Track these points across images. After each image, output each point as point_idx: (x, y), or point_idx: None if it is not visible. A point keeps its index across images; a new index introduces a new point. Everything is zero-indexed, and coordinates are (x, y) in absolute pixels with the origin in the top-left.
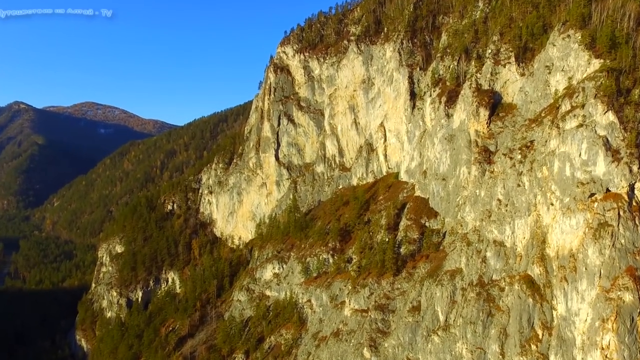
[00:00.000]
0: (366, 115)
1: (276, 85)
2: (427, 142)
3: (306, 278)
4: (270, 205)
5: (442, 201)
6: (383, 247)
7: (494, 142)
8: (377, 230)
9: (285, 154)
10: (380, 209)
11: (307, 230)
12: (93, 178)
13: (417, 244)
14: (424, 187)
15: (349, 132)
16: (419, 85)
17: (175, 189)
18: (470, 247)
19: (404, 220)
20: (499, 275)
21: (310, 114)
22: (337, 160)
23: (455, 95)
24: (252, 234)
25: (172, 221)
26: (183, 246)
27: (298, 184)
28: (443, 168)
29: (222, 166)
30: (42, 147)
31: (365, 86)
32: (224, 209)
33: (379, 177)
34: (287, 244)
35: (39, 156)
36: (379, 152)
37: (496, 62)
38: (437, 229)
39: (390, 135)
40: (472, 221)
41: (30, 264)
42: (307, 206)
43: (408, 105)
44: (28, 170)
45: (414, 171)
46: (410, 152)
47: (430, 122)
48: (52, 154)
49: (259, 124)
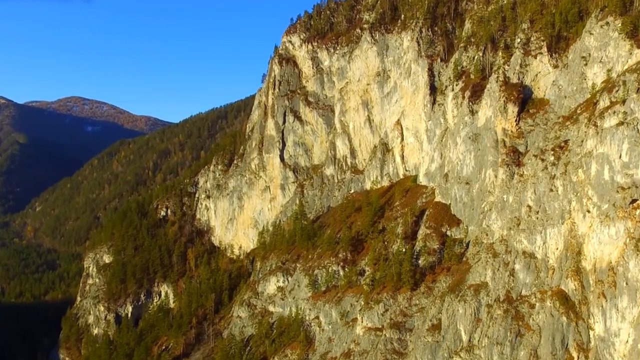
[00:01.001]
0: (381, 111)
1: (281, 78)
2: (448, 141)
3: (314, 292)
4: (274, 211)
5: (466, 207)
6: (399, 258)
7: (524, 142)
8: (392, 240)
9: (291, 154)
10: (397, 216)
11: (315, 239)
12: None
13: (437, 255)
14: (445, 191)
15: (362, 130)
16: (439, 79)
17: (169, 193)
18: (496, 258)
19: (423, 228)
20: (529, 290)
21: (318, 110)
22: (349, 161)
23: (480, 89)
24: (253, 243)
25: (166, 228)
26: (178, 256)
27: (305, 187)
28: (466, 171)
29: (221, 168)
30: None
31: (380, 79)
32: (223, 216)
33: (395, 181)
34: (292, 255)
35: (20, 156)
36: (395, 152)
37: (526, 52)
38: (460, 238)
39: (408, 134)
40: (499, 230)
41: (9, 274)
42: (315, 212)
43: (428, 100)
44: (8, 171)
45: (434, 174)
46: (430, 152)
47: (452, 119)
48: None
49: (262, 121)
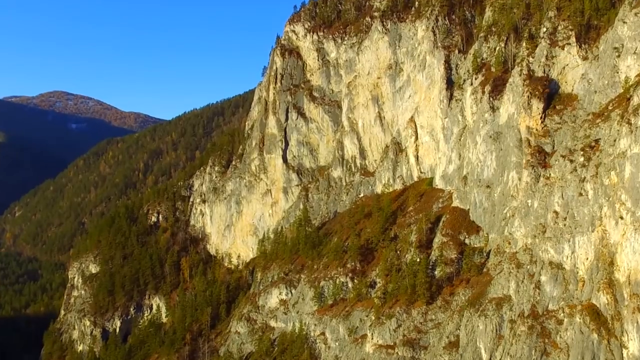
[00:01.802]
0: (393, 107)
1: (283, 71)
2: (467, 140)
3: (319, 306)
4: (276, 217)
5: (486, 213)
6: (413, 269)
7: (550, 142)
8: (406, 249)
9: (295, 155)
10: (410, 223)
11: (321, 248)
12: (62, 183)
13: (455, 266)
14: (464, 195)
15: (372, 128)
16: (457, 72)
17: (161, 197)
18: (520, 269)
19: (439, 236)
20: (556, 304)
21: (324, 106)
22: (358, 162)
23: (502, 83)
24: (253, 252)
25: (157, 236)
26: (170, 266)
27: (310, 191)
28: (487, 173)
29: (218, 169)
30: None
31: (392, 72)
32: (219, 222)
33: (409, 184)
34: (296, 265)
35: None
36: (409, 152)
37: (552, 43)
38: (480, 247)
39: (423, 133)
40: (523, 238)
41: None
42: (321, 218)
43: (444, 95)
44: None
45: (452, 176)
46: (447, 153)
47: (471, 116)
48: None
49: (263, 118)
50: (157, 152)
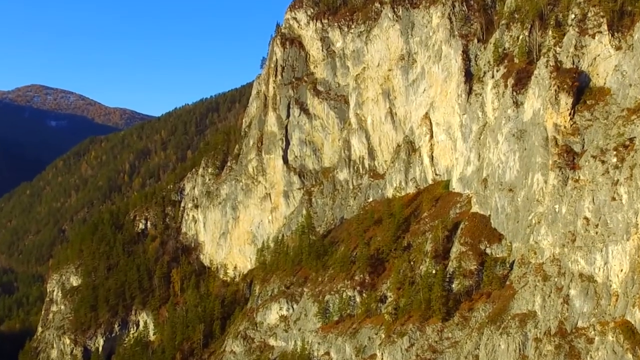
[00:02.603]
0: (405, 103)
1: (284, 63)
2: (488, 139)
3: (324, 323)
4: (277, 223)
5: (509, 220)
6: (428, 281)
7: (580, 140)
8: (420, 259)
9: (297, 155)
10: (425, 230)
11: (326, 258)
12: (40, 186)
13: (474, 278)
14: (484, 200)
15: (383, 125)
16: (476, 63)
17: (149, 202)
18: (547, 282)
19: (457, 245)
20: (586, 321)
21: (330, 101)
22: (367, 163)
23: (527, 76)
24: (251, 263)
25: (145, 245)
26: (159, 278)
27: (313, 195)
28: (510, 175)
29: (212, 171)
30: None
31: (405, 64)
32: (214, 229)
33: (423, 187)
34: (298, 277)
35: None
36: (423, 152)
37: (582, 31)
38: (502, 257)
39: (439, 130)
40: (550, 247)
41: None
42: (326, 225)
43: (462, 89)
44: None
45: (471, 179)
46: (466, 153)
47: (492, 112)
48: None
49: (262, 115)
50: (144, 152)
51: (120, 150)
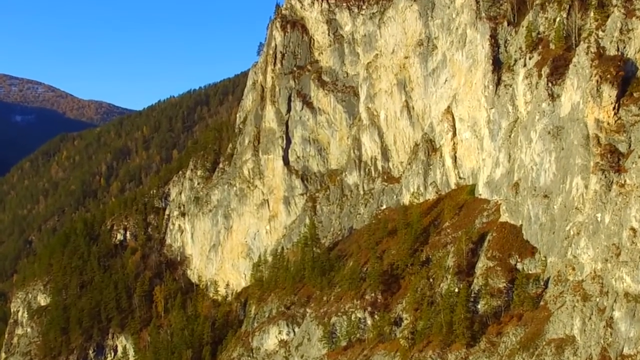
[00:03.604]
0: (424, 95)
1: (285, 49)
2: (519, 137)
3: (330, 349)
4: (275, 234)
5: (544, 230)
6: (450, 301)
7: (626, 139)
8: (440, 276)
9: (299, 155)
10: (446, 242)
11: (332, 275)
12: (4, 190)
13: (503, 298)
14: (515, 208)
15: (398, 121)
16: (506, 50)
17: (128, 209)
18: (587, 302)
19: (484, 259)
20: (633, 347)
21: (337, 93)
22: (380, 165)
23: (564, 64)
24: (246, 280)
25: (124, 258)
26: (140, 297)
27: (318, 202)
28: (545, 179)
29: (202, 174)
30: None
31: (424, 51)
32: (203, 241)
33: (445, 192)
34: (300, 296)
35: None
36: (445, 153)
37: (628, 13)
38: (536, 274)
39: (463, 127)
40: (591, 262)
41: None
42: (333, 237)
43: (490, 79)
44: None
45: (500, 183)
46: (494, 153)
47: (524, 106)
48: None
49: (258, 109)
50: (123, 152)
51: (95, 149)
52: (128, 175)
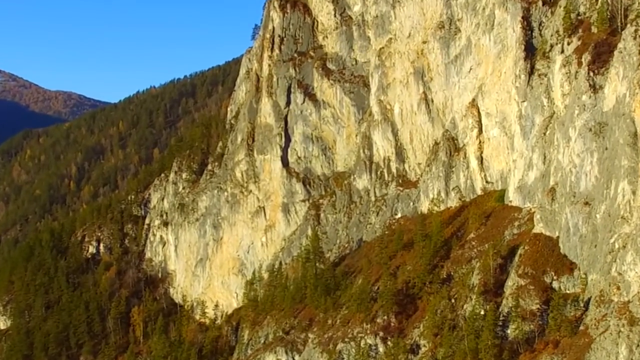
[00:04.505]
0: (446, 86)
1: (284, 32)
2: (556, 135)
3: None
4: (272, 247)
5: (584, 243)
6: (475, 325)
7: None
8: (464, 296)
9: (300, 155)
10: (471, 257)
11: (338, 294)
12: None
13: (537, 321)
14: (551, 217)
15: (415, 116)
16: (541, 34)
17: (102, 218)
18: (634, 327)
19: (514, 277)
20: None
21: (344, 83)
22: (394, 167)
23: (608, 50)
24: (238, 299)
25: (97, 275)
26: (115, 319)
27: (322, 209)
28: (586, 183)
29: (187, 177)
30: None
31: (445, 35)
32: (188, 254)
33: (469, 199)
34: (301, 318)
35: None
36: (469, 153)
37: None
38: (575, 293)
39: (490, 123)
40: (639, 280)
41: None
42: (339, 250)
43: (522, 68)
44: None
45: (533, 188)
46: (527, 153)
47: (562, 99)
48: None
49: (253, 101)
50: (96, 151)
51: (64, 147)
52: (102, 178)
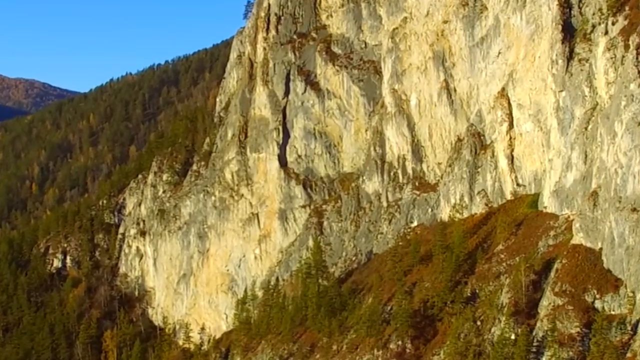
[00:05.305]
0: (470, 73)
1: (281, 11)
2: (600, 130)
3: None
4: (268, 260)
5: (631, 256)
6: (505, 352)
7: None
8: (491, 317)
9: (301, 154)
10: (499, 272)
11: (345, 315)
12: None
13: (577, 347)
14: (593, 225)
15: (435, 108)
16: (581, 12)
17: (69, 226)
18: None
19: (550, 295)
20: None
21: (352, 70)
22: (409, 167)
23: None
24: (228, 321)
25: (63, 293)
26: (85, 345)
27: (326, 216)
28: (634, 186)
29: (169, 179)
30: None
31: (469, 13)
32: (170, 269)
33: (498, 205)
34: (302, 343)
35: None
36: (498, 151)
37: None
38: (621, 314)
39: (522, 116)
40: None
41: None
42: (345, 264)
43: (559, 52)
44: None
45: (572, 192)
46: (565, 151)
47: (606, 88)
48: None
49: (246, 91)
50: (63, 148)
51: (25, 144)
52: (69, 179)
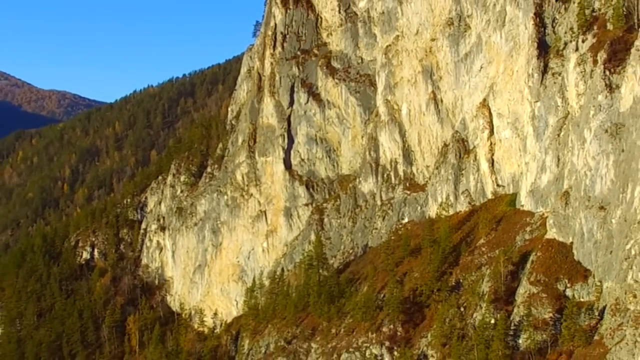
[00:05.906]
0: (455, 85)
1: (287, 29)
2: (571, 137)
3: None
4: (274, 253)
5: (599, 250)
6: (485, 335)
7: None
8: (473, 304)
9: (304, 158)
10: (481, 264)
11: (342, 302)
12: None
13: (550, 331)
14: (565, 222)
15: (424, 117)
16: (555, 30)
17: (97, 222)
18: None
19: (526, 284)
20: None
21: (349, 83)
22: (401, 170)
23: (625, 48)
24: (238, 308)
25: (91, 282)
26: (110, 328)
27: (326, 213)
28: (602, 187)
29: (186, 180)
30: None
31: (454, 32)
32: (186, 260)
33: (480, 203)
34: (304, 327)
35: None
36: (480, 155)
37: None
38: (589, 302)
39: (501, 124)
40: None
41: None
42: (343, 256)
43: (535, 67)
44: None
45: (546, 192)
46: (540, 155)
47: (576, 99)
48: None
49: (255, 101)
50: (91, 152)
51: (57, 149)
52: (97, 180)
